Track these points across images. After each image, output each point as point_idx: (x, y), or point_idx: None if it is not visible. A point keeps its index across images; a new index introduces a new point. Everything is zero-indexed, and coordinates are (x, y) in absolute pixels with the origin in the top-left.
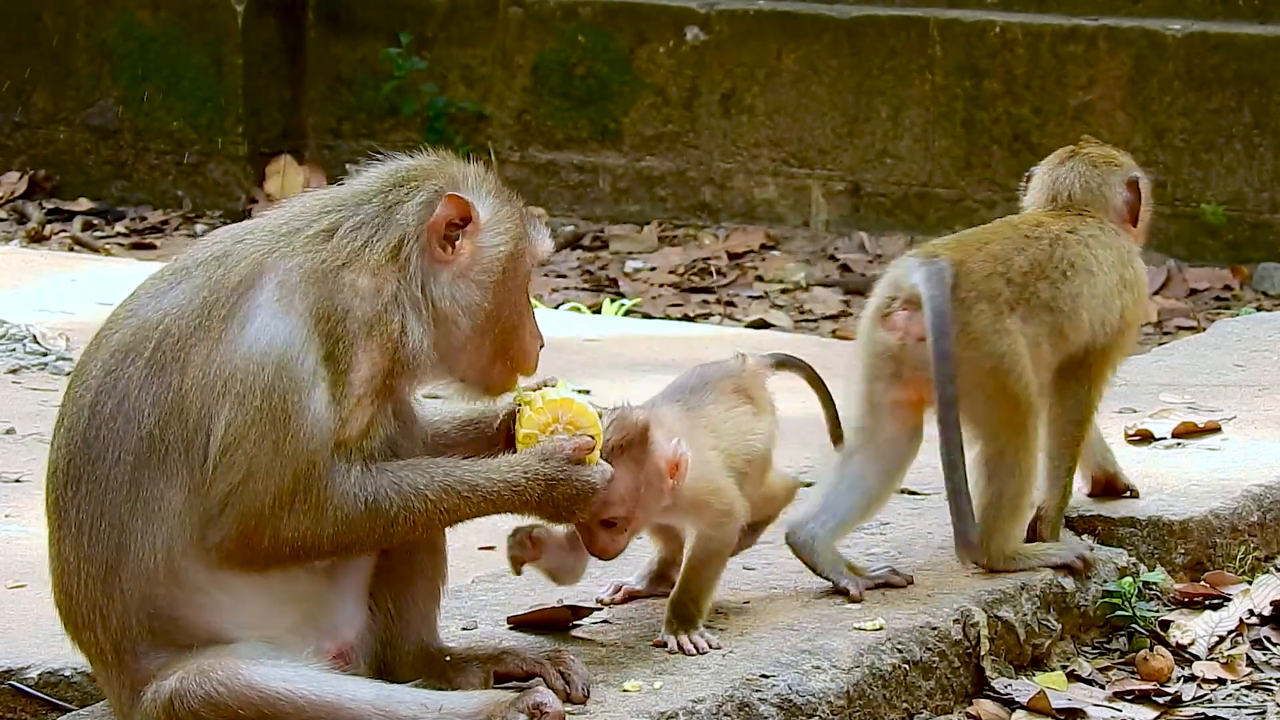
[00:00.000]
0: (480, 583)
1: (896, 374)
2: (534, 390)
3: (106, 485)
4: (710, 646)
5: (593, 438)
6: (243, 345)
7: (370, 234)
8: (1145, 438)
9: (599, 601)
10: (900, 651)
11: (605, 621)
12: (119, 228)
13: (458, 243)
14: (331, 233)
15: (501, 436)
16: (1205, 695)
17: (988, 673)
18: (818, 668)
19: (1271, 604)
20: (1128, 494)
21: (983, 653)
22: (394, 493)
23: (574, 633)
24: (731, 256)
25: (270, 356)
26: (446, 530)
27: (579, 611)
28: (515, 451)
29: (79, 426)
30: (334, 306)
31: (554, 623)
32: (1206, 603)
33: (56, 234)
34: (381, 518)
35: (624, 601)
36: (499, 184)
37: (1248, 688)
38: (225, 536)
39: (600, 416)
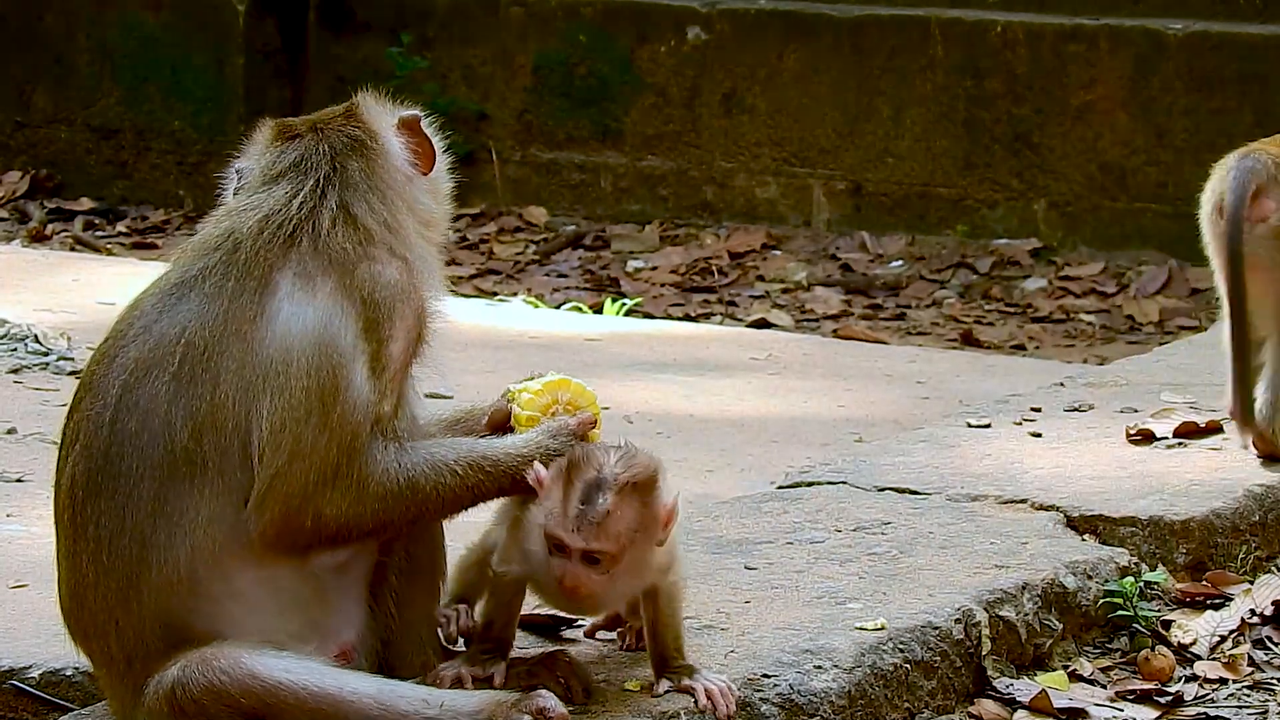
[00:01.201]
0: None
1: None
2: (526, 380)
3: (129, 500)
4: (729, 687)
5: (594, 415)
6: (276, 340)
7: (360, 208)
8: (1146, 437)
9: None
10: (902, 651)
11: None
12: (120, 227)
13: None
14: (314, 218)
15: (488, 433)
16: (1207, 695)
17: (989, 672)
18: (819, 667)
19: (1273, 604)
20: None
21: (984, 652)
22: (429, 468)
23: (574, 633)
24: (733, 256)
25: (309, 338)
26: (460, 515)
27: (560, 620)
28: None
29: (98, 443)
30: (360, 280)
31: (545, 624)
32: (1208, 602)
33: (58, 234)
34: (418, 493)
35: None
36: (373, 92)
37: (1249, 688)
38: (269, 521)
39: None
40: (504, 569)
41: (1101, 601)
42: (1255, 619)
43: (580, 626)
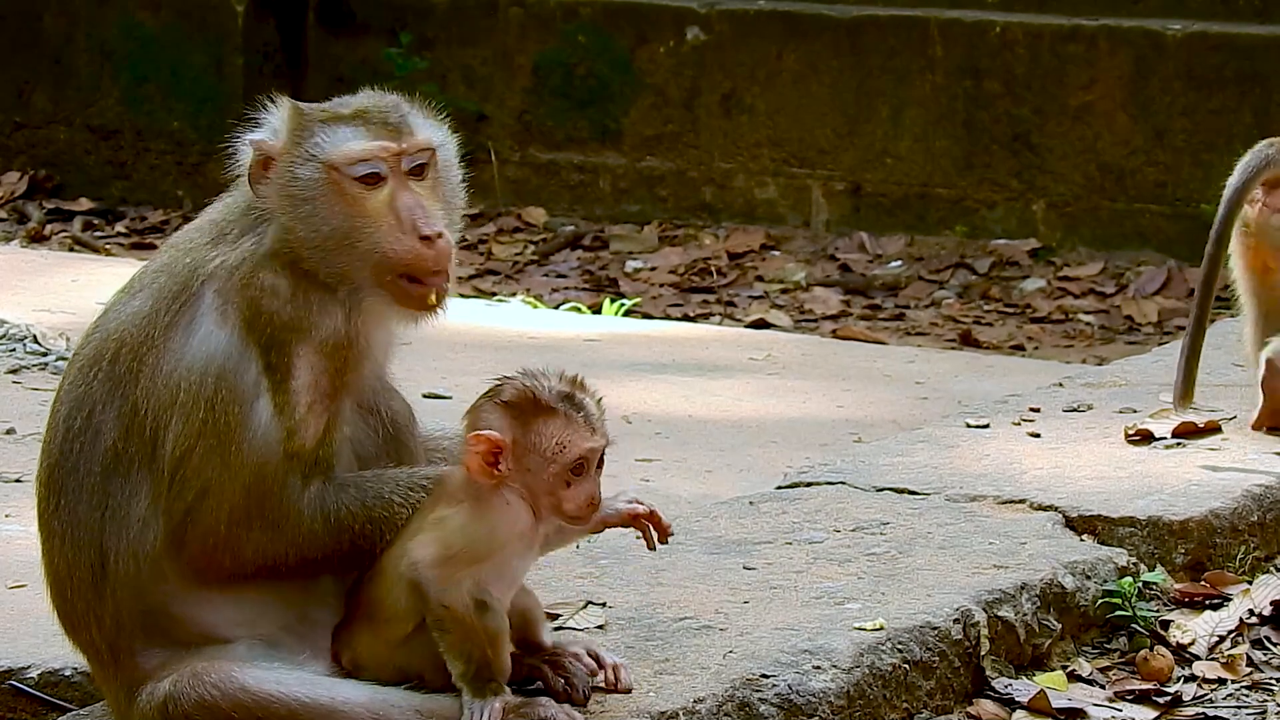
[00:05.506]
0: None
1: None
2: None
3: (80, 494)
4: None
5: None
6: (186, 355)
7: (247, 227)
8: (1145, 437)
9: None
10: (900, 651)
11: (600, 627)
12: (119, 228)
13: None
14: (237, 234)
15: None
16: (1206, 695)
17: (988, 673)
18: (818, 668)
19: (1272, 604)
20: None
21: (983, 653)
22: (355, 507)
23: (573, 633)
24: (732, 256)
25: (211, 368)
26: None
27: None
28: None
29: (56, 441)
30: (259, 313)
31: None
32: (1207, 603)
33: (57, 234)
34: (345, 532)
35: None
36: (310, 111)
37: (1248, 688)
38: (192, 556)
39: None
40: (472, 592)
41: (1100, 602)
42: (1254, 619)
43: (577, 628)
